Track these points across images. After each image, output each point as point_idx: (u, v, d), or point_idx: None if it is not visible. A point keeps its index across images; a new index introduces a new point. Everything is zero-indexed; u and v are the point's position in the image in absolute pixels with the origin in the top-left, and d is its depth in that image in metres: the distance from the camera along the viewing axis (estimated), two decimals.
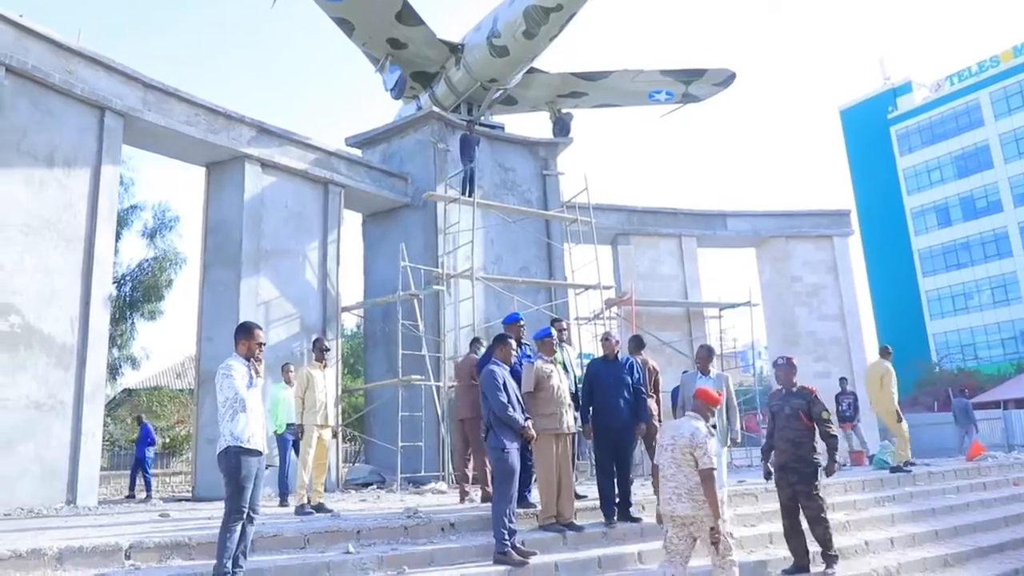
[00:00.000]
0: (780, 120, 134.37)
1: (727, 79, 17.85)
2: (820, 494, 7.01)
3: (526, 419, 6.49)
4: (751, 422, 21.41)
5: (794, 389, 7.25)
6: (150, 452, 15.69)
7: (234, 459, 4.99)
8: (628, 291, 17.48)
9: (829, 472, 7.21)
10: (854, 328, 19.49)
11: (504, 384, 6.43)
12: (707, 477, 5.57)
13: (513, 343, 6.90)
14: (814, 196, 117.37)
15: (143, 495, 14.71)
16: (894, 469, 11.93)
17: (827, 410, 7.11)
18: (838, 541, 8.07)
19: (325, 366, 8.83)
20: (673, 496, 5.69)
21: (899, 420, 11.91)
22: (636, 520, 7.54)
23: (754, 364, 22.46)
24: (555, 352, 7.27)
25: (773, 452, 7.26)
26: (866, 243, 54.61)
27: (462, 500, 8.96)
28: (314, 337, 10.05)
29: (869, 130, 57.91)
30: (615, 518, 7.41)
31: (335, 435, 8.83)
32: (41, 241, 10.13)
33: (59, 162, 10.53)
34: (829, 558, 6.99)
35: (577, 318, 16.50)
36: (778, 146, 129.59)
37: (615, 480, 7.53)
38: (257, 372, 5.26)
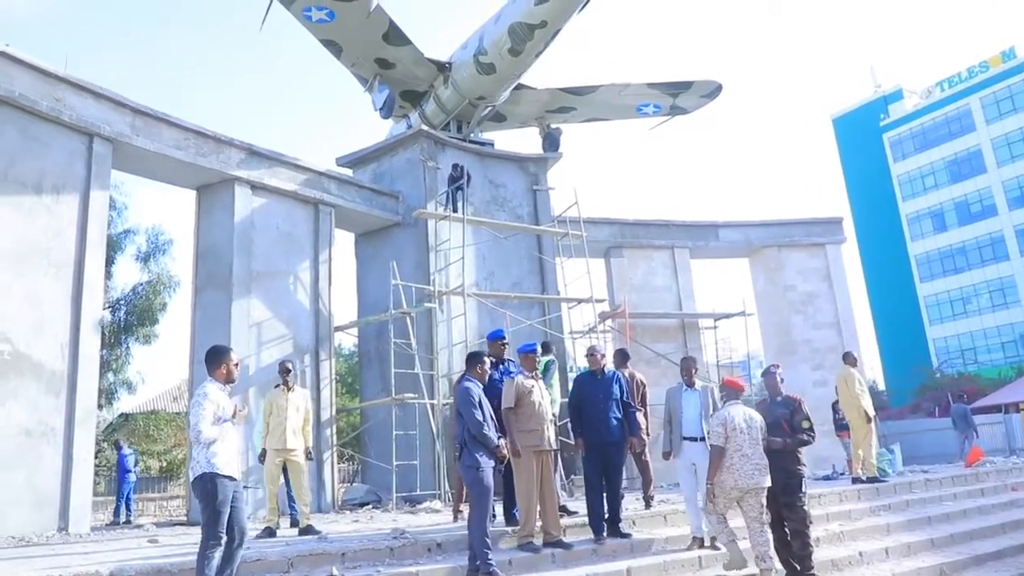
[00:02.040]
0: (773, 129, 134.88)
1: (714, 91, 17.95)
2: (804, 506, 6.88)
3: (499, 438, 6.45)
4: None
5: (779, 398, 7.19)
6: (129, 478, 15.93)
7: (209, 484, 4.97)
8: (622, 304, 17.47)
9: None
10: (850, 335, 19.48)
11: (480, 402, 6.40)
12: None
13: (487, 360, 6.88)
14: (808, 205, 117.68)
15: (124, 519, 14.99)
16: (870, 479, 11.65)
17: (808, 419, 7.00)
18: (832, 552, 8.03)
19: (290, 389, 8.76)
20: (756, 471, 6.64)
21: (868, 421, 11.75)
22: (626, 536, 7.46)
23: (751, 374, 22.39)
24: (536, 368, 7.23)
25: None
26: (863, 250, 54.62)
27: (455, 519, 8.90)
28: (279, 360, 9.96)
29: (862, 137, 58.07)
30: (604, 534, 7.34)
31: (309, 457, 8.82)
32: (30, 268, 10.15)
33: (48, 189, 10.56)
34: None
35: (571, 332, 16.47)
36: (771, 155, 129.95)
37: (604, 495, 7.48)
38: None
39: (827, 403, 15.54)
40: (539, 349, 7.41)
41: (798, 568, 6.84)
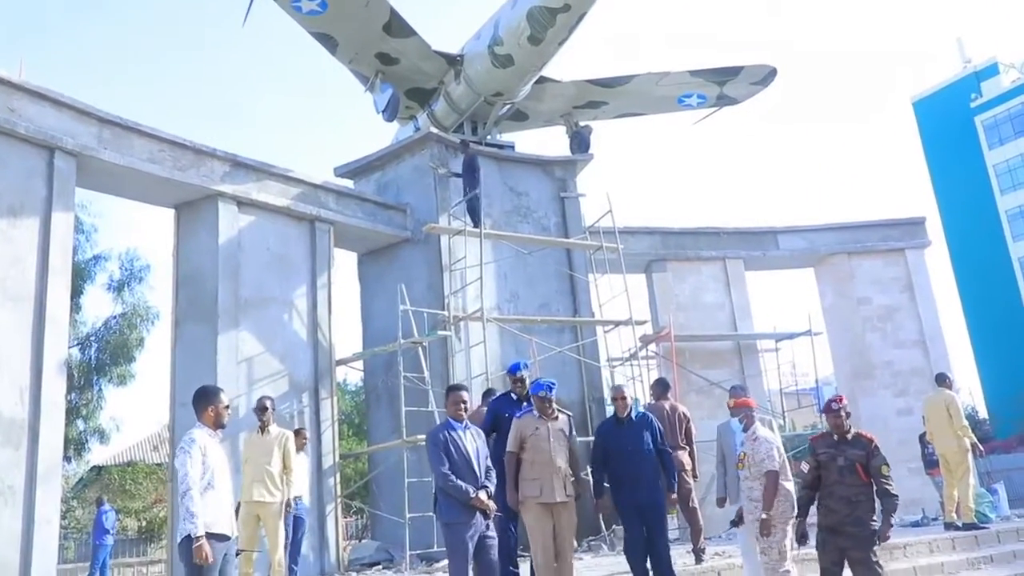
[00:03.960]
0: (840, 118, 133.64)
1: (767, 76, 17.86)
2: (880, 562, 6.73)
3: (480, 488, 6.44)
4: None
5: (849, 436, 6.96)
6: (107, 539, 15.98)
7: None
8: (666, 325, 17.37)
9: (882, 537, 6.89)
10: (939, 354, 19.11)
11: (447, 449, 6.47)
12: None
13: (463, 395, 6.96)
14: (885, 204, 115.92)
15: None
16: (967, 526, 11.48)
17: (887, 464, 6.86)
18: None
19: (263, 430, 8.87)
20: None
21: (979, 455, 11.64)
22: None
23: (822, 401, 22.11)
24: (549, 410, 7.16)
25: (820, 510, 6.98)
26: (954, 254, 53.77)
27: None
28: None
29: (949, 123, 57.30)
30: None
31: (287, 508, 8.99)
32: None
33: (2, 212, 10.73)
34: None
35: (608, 360, 16.40)
36: (839, 149, 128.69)
37: (647, 555, 7.39)
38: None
39: (914, 435, 15.28)
40: (553, 388, 7.35)
41: None
